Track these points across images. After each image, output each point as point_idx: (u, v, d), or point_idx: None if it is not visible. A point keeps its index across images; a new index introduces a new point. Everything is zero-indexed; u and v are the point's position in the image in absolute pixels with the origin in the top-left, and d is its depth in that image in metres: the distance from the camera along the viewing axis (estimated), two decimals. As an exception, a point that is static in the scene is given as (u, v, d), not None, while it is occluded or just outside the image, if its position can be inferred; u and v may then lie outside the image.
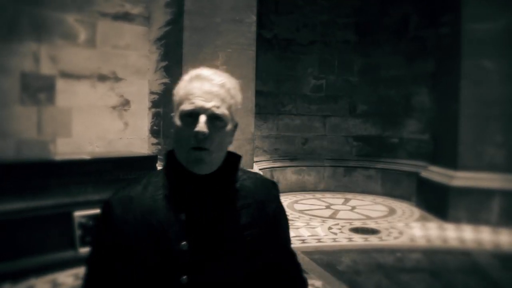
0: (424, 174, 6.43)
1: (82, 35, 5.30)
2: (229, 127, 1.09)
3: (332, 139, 7.86)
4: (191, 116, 1.06)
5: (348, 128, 7.84)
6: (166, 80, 5.27)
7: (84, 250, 4.08)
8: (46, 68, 5.12)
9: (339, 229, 5.26)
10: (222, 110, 1.07)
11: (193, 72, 1.12)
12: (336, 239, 4.87)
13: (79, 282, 3.64)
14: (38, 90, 5.11)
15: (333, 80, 7.84)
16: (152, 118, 5.53)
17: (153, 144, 5.56)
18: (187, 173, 1.08)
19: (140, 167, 4.61)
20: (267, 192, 1.21)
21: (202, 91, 1.06)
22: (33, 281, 3.66)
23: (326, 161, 7.73)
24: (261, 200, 1.17)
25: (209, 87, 1.07)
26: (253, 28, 5.21)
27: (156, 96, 5.46)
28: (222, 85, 1.09)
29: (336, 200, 6.91)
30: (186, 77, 1.12)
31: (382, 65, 7.52)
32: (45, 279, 3.71)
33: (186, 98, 1.07)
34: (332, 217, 5.86)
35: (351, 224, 5.46)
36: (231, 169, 1.16)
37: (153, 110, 5.54)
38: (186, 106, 1.06)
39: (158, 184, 1.14)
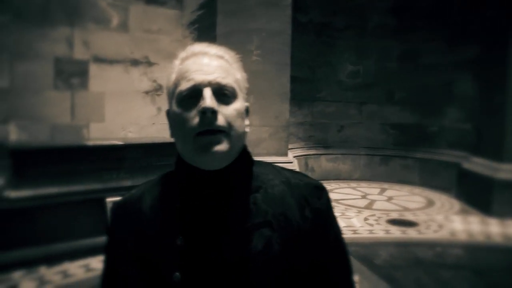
0: (466, 165, 6.13)
1: (115, 20, 5.25)
2: (239, 104, 0.88)
3: (368, 127, 7.61)
4: (192, 97, 0.85)
5: (385, 116, 7.56)
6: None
7: None
8: (79, 53, 5.10)
9: (376, 220, 5.07)
10: (228, 81, 0.86)
11: (184, 52, 0.92)
12: (373, 231, 4.69)
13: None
14: (72, 75, 5.11)
15: (370, 66, 7.56)
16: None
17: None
18: (192, 176, 0.89)
19: (173, 153, 4.53)
20: (303, 204, 0.91)
21: (199, 64, 0.87)
22: (67, 265, 3.66)
23: (361, 149, 7.50)
24: (289, 215, 0.89)
25: (207, 59, 0.87)
26: (288, 11, 5.01)
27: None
28: (221, 56, 0.90)
29: (372, 189, 6.69)
30: (176, 60, 0.92)
31: (421, 51, 7.19)
32: (79, 263, 3.70)
33: (182, 77, 0.87)
34: (368, 207, 5.67)
35: (388, 216, 5.26)
36: (246, 169, 0.93)
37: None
38: (184, 85, 0.86)
39: (155, 196, 0.95)
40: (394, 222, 5.03)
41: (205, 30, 4.99)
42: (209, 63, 0.87)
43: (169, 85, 0.91)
